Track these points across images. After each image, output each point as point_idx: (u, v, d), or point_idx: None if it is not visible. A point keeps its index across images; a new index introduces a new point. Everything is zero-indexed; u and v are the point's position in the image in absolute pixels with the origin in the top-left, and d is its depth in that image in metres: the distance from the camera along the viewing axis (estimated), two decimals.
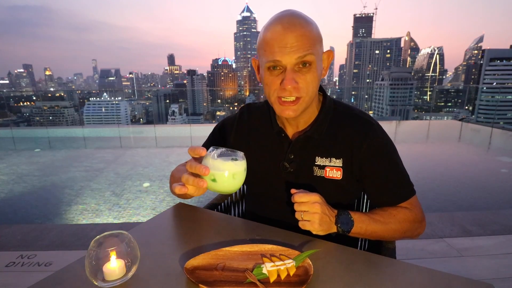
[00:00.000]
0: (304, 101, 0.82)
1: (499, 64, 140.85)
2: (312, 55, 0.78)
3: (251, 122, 1.02)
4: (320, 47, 0.82)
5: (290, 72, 0.78)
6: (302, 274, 0.65)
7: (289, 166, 0.91)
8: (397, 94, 79.35)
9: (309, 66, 0.79)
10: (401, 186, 0.89)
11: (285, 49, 0.77)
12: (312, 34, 0.79)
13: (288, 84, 0.78)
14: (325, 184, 0.88)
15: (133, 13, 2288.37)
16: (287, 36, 0.77)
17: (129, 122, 63.36)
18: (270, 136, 0.96)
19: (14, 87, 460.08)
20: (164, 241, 0.80)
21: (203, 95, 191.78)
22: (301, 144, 0.91)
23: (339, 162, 0.88)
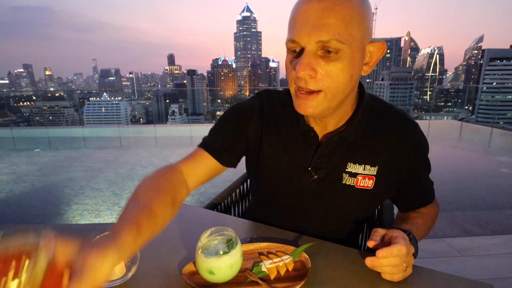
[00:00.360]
0: (326, 98, 0.65)
1: (499, 64, 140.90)
2: (342, 38, 0.59)
3: (273, 114, 0.83)
4: (359, 32, 0.62)
5: (307, 55, 0.61)
6: (301, 268, 0.66)
7: (315, 173, 0.77)
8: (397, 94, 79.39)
9: (336, 53, 0.61)
10: (430, 183, 0.86)
11: (305, 27, 0.60)
12: (348, 12, 0.59)
13: (302, 69, 0.61)
14: (353, 195, 0.77)
15: (134, 13, 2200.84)
16: (311, 9, 0.60)
17: (129, 122, 63.43)
18: (295, 135, 0.79)
19: (14, 87, 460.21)
20: (164, 241, 0.79)
21: (203, 95, 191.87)
22: (331, 148, 0.76)
23: (374, 170, 0.75)
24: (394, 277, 0.61)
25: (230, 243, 0.63)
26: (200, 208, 1.00)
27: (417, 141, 0.78)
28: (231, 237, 0.64)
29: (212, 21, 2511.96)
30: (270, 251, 0.71)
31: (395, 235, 0.62)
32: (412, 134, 0.77)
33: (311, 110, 0.66)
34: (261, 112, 0.83)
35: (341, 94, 0.66)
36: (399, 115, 0.78)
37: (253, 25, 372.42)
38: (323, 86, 0.63)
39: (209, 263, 0.60)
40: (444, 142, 7.12)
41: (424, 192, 0.86)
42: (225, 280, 0.62)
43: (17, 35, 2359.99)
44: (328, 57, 0.61)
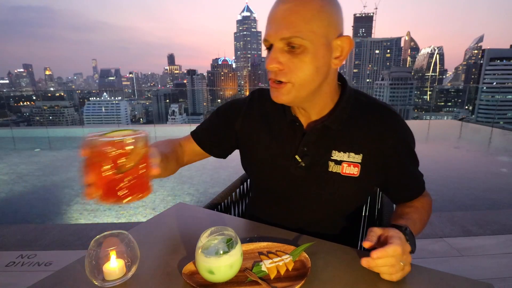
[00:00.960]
0: (294, 88, 0.72)
1: (499, 64, 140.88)
2: (302, 35, 0.67)
3: (262, 108, 0.91)
4: (321, 28, 0.68)
5: (274, 51, 0.70)
6: (301, 267, 0.66)
7: (301, 160, 0.81)
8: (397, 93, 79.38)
9: (299, 49, 0.68)
10: (419, 175, 0.88)
11: (272, 26, 0.69)
12: (309, 10, 0.67)
13: (269, 63, 0.70)
14: (340, 182, 0.80)
15: (134, 13, 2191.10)
16: (277, 10, 0.69)
17: (129, 122, 63.40)
18: (283, 126, 0.86)
19: (14, 87, 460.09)
20: (164, 241, 0.80)
21: (203, 94, 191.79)
22: (316, 136, 0.81)
23: (358, 157, 0.79)
24: (393, 277, 0.61)
25: (230, 242, 0.63)
26: (200, 208, 1.01)
27: (402, 132, 0.82)
28: (231, 237, 0.64)
29: (212, 21, 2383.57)
30: (270, 251, 0.71)
31: (390, 235, 0.63)
32: (397, 125, 0.81)
33: (282, 98, 0.74)
34: (250, 106, 0.92)
35: (309, 85, 0.73)
36: (384, 108, 0.82)
37: (253, 25, 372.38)
38: (290, 78, 0.71)
39: (209, 262, 0.60)
40: (444, 142, 7.12)
41: (413, 183, 0.87)
42: (225, 280, 0.62)
43: (17, 35, 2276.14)
44: (293, 52, 0.69)
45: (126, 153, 0.53)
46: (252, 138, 0.90)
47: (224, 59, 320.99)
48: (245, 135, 0.92)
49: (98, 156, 0.52)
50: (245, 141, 0.92)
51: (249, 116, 0.92)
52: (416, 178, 0.87)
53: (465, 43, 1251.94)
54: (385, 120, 0.80)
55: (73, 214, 3.47)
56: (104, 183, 0.53)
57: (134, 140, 0.54)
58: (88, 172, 0.53)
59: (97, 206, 3.65)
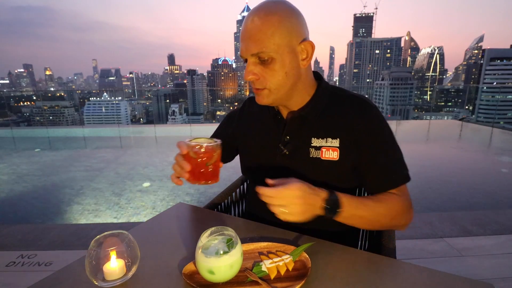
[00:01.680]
0: (271, 92, 0.83)
1: (499, 64, 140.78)
2: (267, 49, 0.77)
3: (251, 111, 1.05)
4: (283, 39, 0.78)
5: (249, 64, 0.81)
6: (301, 268, 0.66)
7: (284, 148, 0.90)
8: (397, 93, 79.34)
9: (268, 61, 0.79)
10: (395, 170, 0.86)
11: (242, 43, 0.80)
12: (268, 27, 0.76)
13: (245, 76, 0.82)
14: (322, 166, 0.86)
15: (134, 13, 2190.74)
16: (245, 29, 0.79)
17: (129, 122, 63.39)
18: (267, 121, 0.97)
19: (14, 87, 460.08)
20: (164, 241, 0.80)
21: (203, 95, 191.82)
22: (296, 125, 0.90)
23: (336, 142, 0.86)
24: (281, 216, 0.70)
25: (230, 242, 0.63)
26: (200, 208, 1.01)
27: (372, 120, 0.86)
28: (231, 237, 0.64)
29: (212, 21, 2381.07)
30: (270, 251, 0.71)
31: (290, 181, 0.70)
32: (367, 114, 0.86)
33: (264, 101, 0.86)
34: (241, 112, 1.09)
35: (283, 87, 0.83)
36: (357, 98, 0.89)
37: None
38: (265, 85, 0.82)
39: (209, 262, 0.60)
40: (444, 142, 7.12)
41: (383, 175, 0.86)
42: (225, 280, 0.62)
43: (17, 35, 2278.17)
44: (263, 63, 0.80)
45: (211, 153, 0.78)
46: (244, 136, 1.04)
47: (224, 59, 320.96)
48: (239, 136, 1.05)
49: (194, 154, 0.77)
50: (240, 141, 1.06)
51: (241, 119, 1.07)
52: (387, 171, 0.86)
53: (465, 43, 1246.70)
54: (357, 108, 0.87)
55: (73, 214, 3.47)
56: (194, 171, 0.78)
57: (217, 145, 0.78)
58: (185, 163, 0.78)
59: (97, 207, 3.65)
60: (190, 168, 0.78)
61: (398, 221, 0.84)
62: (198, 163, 0.77)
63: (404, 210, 0.84)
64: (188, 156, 0.78)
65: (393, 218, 0.82)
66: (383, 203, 0.82)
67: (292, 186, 0.69)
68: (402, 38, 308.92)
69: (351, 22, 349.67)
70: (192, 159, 0.77)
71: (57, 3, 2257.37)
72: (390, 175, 0.86)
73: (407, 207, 0.85)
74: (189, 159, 0.78)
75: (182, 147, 0.78)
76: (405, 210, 0.84)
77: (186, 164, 0.78)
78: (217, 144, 0.78)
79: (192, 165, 0.78)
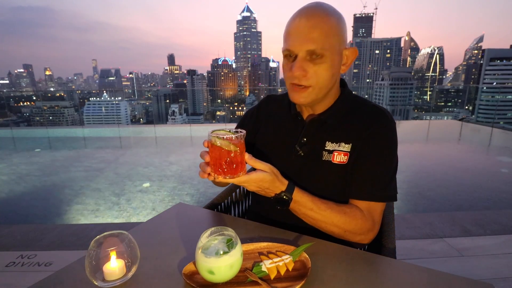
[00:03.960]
0: (314, 91, 0.84)
1: (499, 64, 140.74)
2: (324, 48, 0.79)
3: (269, 109, 1.07)
4: (337, 41, 0.82)
5: (299, 60, 0.81)
6: (301, 268, 0.66)
7: (300, 149, 0.92)
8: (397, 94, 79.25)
9: (321, 58, 0.81)
10: (374, 185, 0.84)
11: (297, 39, 0.80)
12: (328, 27, 0.80)
13: (296, 71, 0.81)
14: (332, 169, 0.88)
15: (134, 13, 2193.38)
16: (302, 26, 0.80)
17: (129, 122, 63.35)
18: (287, 120, 0.99)
19: (14, 87, 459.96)
20: (164, 241, 0.80)
21: (203, 95, 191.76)
22: (314, 128, 0.92)
23: (348, 147, 0.87)
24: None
25: (230, 243, 0.63)
26: (200, 208, 1.01)
27: (379, 128, 0.86)
28: (231, 237, 0.64)
29: (212, 21, 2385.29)
30: (270, 251, 0.71)
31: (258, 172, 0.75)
32: (376, 120, 0.87)
33: (302, 100, 0.86)
34: (259, 111, 1.10)
35: (325, 88, 0.86)
36: (377, 108, 0.91)
37: (253, 25, 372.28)
38: (312, 83, 0.83)
39: (209, 263, 0.60)
40: (444, 142, 7.12)
41: (362, 182, 0.85)
42: (225, 280, 0.62)
43: (17, 35, 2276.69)
44: (314, 61, 0.81)
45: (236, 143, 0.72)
46: (261, 134, 1.04)
47: (224, 59, 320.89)
48: (257, 133, 1.06)
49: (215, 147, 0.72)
50: (257, 138, 1.06)
51: (258, 118, 1.08)
52: (366, 181, 0.85)
53: (465, 43, 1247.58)
54: (373, 117, 0.88)
55: (73, 214, 3.47)
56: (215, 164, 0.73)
57: (241, 135, 0.73)
58: (208, 155, 0.75)
59: (97, 207, 3.65)
60: (210, 161, 0.74)
61: (350, 236, 0.83)
62: (222, 155, 0.73)
63: (360, 231, 0.82)
64: (211, 150, 0.74)
65: (346, 231, 0.82)
66: (341, 215, 0.81)
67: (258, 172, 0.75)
68: (402, 38, 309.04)
69: (351, 22, 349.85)
70: (214, 152, 0.73)
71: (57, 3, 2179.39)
72: (367, 187, 0.84)
73: (365, 229, 0.83)
74: (212, 152, 0.74)
75: (205, 142, 0.76)
76: (361, 231, 0.82)
77: (207, 156, 0.75)
78: (242, 134, 0.74)
79: (214, 158, 0.73)
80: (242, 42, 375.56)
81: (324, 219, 0.81)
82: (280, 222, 0.90)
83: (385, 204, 0.87)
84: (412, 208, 3.22)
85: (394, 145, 0.88)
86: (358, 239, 0.84)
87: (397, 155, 0.89)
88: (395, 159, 0.88)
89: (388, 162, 0.86)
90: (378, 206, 0.85)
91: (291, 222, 0.91)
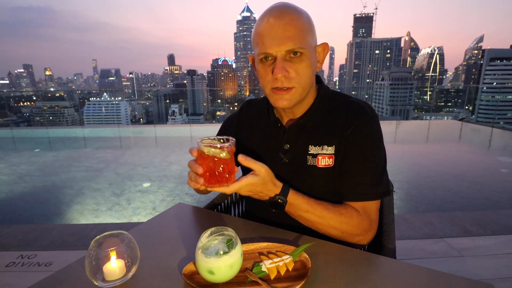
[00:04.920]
0: (297, 92, 0.82)
1: (499, 64, 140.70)
2: (302, 45, 0.78)
3: (250, 116, 1.04)
4: (311, 38, 0.81)
5: (280, 61, 0.78)
6: (301, 268, 0.66)
7: (284, 157, 0.89)
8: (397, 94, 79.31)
9: (300, 56, 0.79)
10: (365, 184, 0.83)
11: (274, 40, 0.77)
12: (302, 24, 0.78)
13: (278, 72, 0.78)
14: (318, 173, 0.86)
15: (134, 13, 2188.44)
16: (276, 26, 0.77)
17: (129, 122, 63.36)
18: (268, 127, 0.96)
19: (14, 87, 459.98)
20: (164, 241, 0.80)
21: (203, 95, 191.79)
22: (295, 134, 0.89)
23: (332, 149, 0.85)
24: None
25: (230, 243, 0.63)
26: (200, 208, 1.01)
27: (363, 124, 0.84)
28: (231, 237, 0.64)
29: (212, 21, 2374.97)
30: (270, 251, 0.71)
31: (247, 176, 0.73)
32: (357, 119, 0.85)
33: (286, 103, 0.83)
34: (238, 117, 1.06)
35: (307, 88, 0.84)
36: (355, 104, 0.88)
37: (253, 25, 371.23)
38: (294, 83, 0.81)
39: (209, 263, 0.60)
40: (444, 142, 7.12)
41: (351, 185, 0.84)
42: (225, 280, 0.62)
43: (17, 35, 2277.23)
44: (294, 60, 0.79)
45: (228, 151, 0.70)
46: (244, 141, 1.00)
47: (224, 59, 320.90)
48: (239, 142, 1.00)
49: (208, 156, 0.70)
50: (239, 146, 1.00)
51: (240, 124, 1.05)
52: (356, 183, 0.83)
53: (465, 43, 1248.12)
54: (352, 114, 0.86)
55: (73, 214, 3.47)
56: (210, 174, 0.71)
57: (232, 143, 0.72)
58: (199, 165, 0.71)
59: (97, 207, 3.65)
60: (203, 171, 0.71)
61: (348, 238, 0.82)
62: (215, 164, 0.70)
63: (358, 232, 0.81)
64: (202, 159, 0.71)
65: (343, 233, 0.81)
66: (337, 216, 0.80)
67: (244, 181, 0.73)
68: (402, 38, 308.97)
69: (351, 22, 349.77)
70: (207, 161, 0.70)
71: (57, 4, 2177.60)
72: (358, 187, 0.83)
73: (362, 229, 0.82)
74: (204, 162, 0.71)
75: (193, 151, 0.72)
76: (359, 232, 0.81)
77: (199, 168, 0.71)
78: (233, 141, 0.72)
79: (207, 168, 0.71)
80: (242, 42, 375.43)
81: (321, 220, 0.80)
82: (279, 223, 0.90)
83: (379, 202, 0.86)
84: (412, 208, 3.22)
85: (378, 140, 0.86)
86: (357, 240, 0.83)
87: (384, 148, 0.87)
88: (382, 153, 0.86)
89: (375, 158, 0.85)
90: (373, 205, 0.84)
91: (291, 223, 0.91)
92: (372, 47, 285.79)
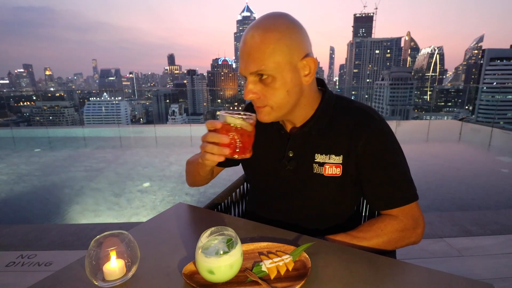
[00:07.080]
0: (273, 110, 0.80)
1: (499, 64, 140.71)
2: (267, 69, 0.74)
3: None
4: (283, 57, 0.75)
5: (248, 82, 0.78)
6: (301, 268, 0.66)
7: (288, 163, 0.89)
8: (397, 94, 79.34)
9: (268, 79, 0.76)
10: (397, 190, 0.83)
11: (242, 62, 0.78)
12: (266, 46, 0.74)
13: (245, 95, 0.79)
14: (324, 182, 0.85)
15: (134, 13, 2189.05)
16: (242, 48, 0.77)
17: (129, 122, 63.39)
18: (271, 134, 0.94)
19: (14, 87, 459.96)
20: (164, 241, 0.79)
21: (203, 95, 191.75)
22: (300, 141, 0.88)
23: (339, 159, 0.84)
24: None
25: (230, 242, 0.63)
26: (200, 208, 1.01)
27: (374, 132, 0.82)
28: (231, 237, 0.64)
29: (212, 21, 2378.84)
30: (270, 251, 0.71)
31: None
32: (370, 126, 0.83)
33: (265, 118, 0.82)
34: None
35: (286, 106, 0.80)
36: (360, 110, 0.86)
37: None
38: (266, 103, 0.79)
39: (209, 263, 0.60)
40: (444, 142, 7.12)
41: (385, 193, 0.84)
42: (225, 280, 0.62)
43: (17, 35, 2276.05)
44: (263, 82, 0.77)
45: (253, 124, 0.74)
46: None
47: (224, 59, 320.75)
48: None
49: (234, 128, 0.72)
50: None
51: None
52: (385, 190, 0.84)
53: (465, 43, 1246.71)
54: (359, 120, 0.84)
55: (73, 214, 3.47)
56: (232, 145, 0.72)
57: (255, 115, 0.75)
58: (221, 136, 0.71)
59: (97, 207, 3.65)
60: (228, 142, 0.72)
61: (403, 242, 0.83)
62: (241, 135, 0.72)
63: (406, 231, 0.82)
64: (227, 131, 0.72)
65: (397, 241, 0.82)
66: (381, 232, 0.81)
67: None
68: (402, 38, 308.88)
69: (351, 22, 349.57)
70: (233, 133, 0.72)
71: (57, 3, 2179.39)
72: (389, 195, 0.83)
73: (409, 228, 0.83)
74: (229, 133, 0.72)
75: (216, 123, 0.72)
76: (407, 231, 0.82)
77: (225, 137, 0.71)
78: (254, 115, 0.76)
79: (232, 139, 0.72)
80: None
81: (373, 244, 0.80)
82: (280, 222, 0.90)
83: (417, 201, 0.85)
84: None
85: (394, 143, 0.85)
86: (411, 241, 0.84)
87: (400, 147, 0.86)
88: (402, 154, 0.85)
89: (400, 162, 0.84)
90: (413, 205, 0.84)
91: (291, 222, 0.91)
92: (372, 47, 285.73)
